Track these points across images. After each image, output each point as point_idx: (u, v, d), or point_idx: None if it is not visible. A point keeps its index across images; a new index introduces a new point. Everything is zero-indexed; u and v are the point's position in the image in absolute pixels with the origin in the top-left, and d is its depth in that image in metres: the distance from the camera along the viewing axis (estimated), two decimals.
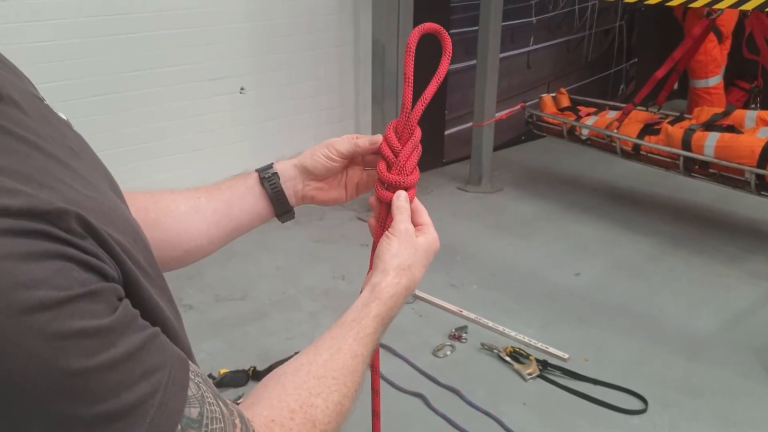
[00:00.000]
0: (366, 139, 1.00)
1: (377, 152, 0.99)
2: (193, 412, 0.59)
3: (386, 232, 0.92)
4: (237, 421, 0.63)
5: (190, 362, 0.62)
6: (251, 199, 1.01)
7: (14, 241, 0.50)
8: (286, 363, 0.77)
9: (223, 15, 3.88)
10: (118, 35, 3.53)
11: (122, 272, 0.58)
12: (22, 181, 0.54)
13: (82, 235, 0.55)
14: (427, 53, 0.98)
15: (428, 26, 0.96)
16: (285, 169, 1.02)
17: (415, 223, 0.94)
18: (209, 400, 0.61)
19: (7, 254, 0.49)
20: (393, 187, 0.95)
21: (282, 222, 1.05)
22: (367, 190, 1.07)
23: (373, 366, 1.03)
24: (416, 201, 0.96)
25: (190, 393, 0.59)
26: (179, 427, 0.57)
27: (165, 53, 3.71)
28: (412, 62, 0.95)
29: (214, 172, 3.78)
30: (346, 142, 1.00)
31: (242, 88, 4.06)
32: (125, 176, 1.33)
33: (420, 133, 0.96)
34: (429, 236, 0.93)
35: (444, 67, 0.94)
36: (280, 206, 1.02)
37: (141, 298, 0.61)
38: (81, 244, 0.54)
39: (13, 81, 0.68)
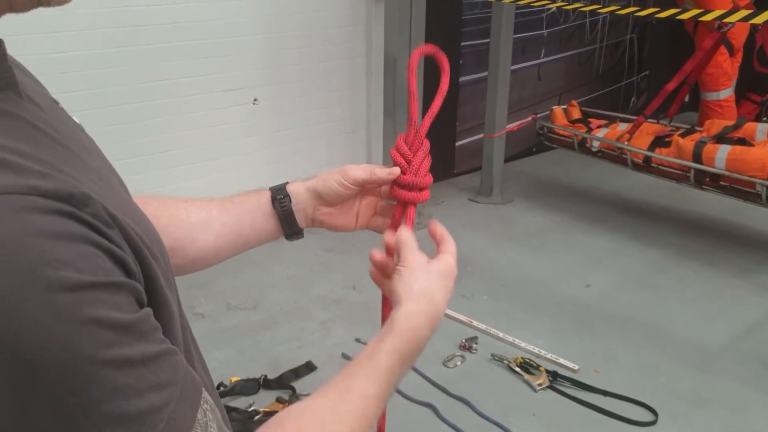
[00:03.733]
0: (384, 171, 0.99)
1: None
2: None
3: (396, 267, 0.88)
4: None
5: (203, 389, 0.62)
6: (261, 217, 1.02)
7: (43, 219, 0.50)
8: (294, 404, 0.75)
9: (238, 27, 3.93)
10: (135, 47, 3.58)
11: (141, 265, 0.58)
12: (46, 167, 0.54)
13: (109, 223, 0.54)
14: (436, 68, 1.01)
15: (426, 48, 1.00)
16: (297, 192, 1.02)
17: (438, 250, 0.93)
18: (212, 429, 0.61)
19: (35, 231, 0.49)
20: (408, 188, 0.97)
21: (290, 241, 1.05)
22: (383, 221, 1.04)
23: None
24: (443, 230, 0.95)
25: (198, 416, 0.59)
26: None
27: (180, 64, 3.76)
28: (415, 79, 1.00)
29: (227, 181, 3.86)
30: (362, 171, 0.99)
31: (255, 99, 4.11)
32: (140, 185, 1.35)
33: (429, 145, 0.98)
34: (442, 262, 0.90)
35: (445, 83, 0.97)
36: (289, 227, 1.02)
37: (156, 292, 0.61)
38: (107, 233, 0.54)
39: (31, 84, 0.70)
